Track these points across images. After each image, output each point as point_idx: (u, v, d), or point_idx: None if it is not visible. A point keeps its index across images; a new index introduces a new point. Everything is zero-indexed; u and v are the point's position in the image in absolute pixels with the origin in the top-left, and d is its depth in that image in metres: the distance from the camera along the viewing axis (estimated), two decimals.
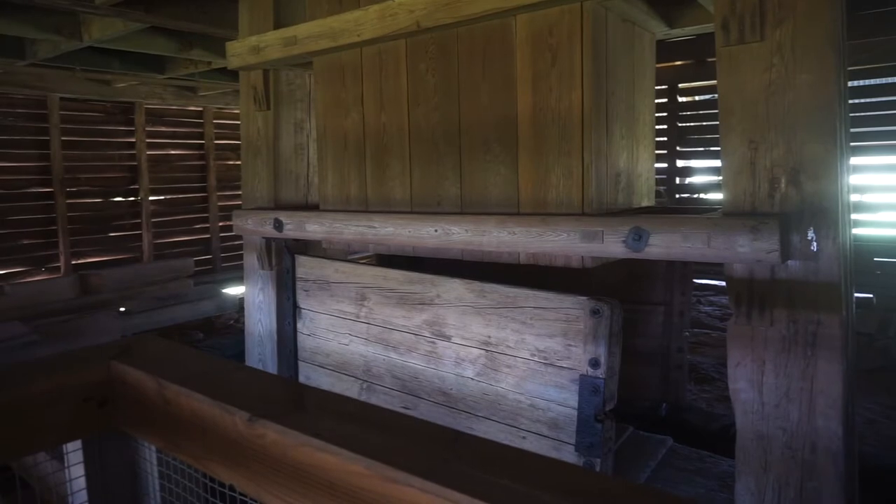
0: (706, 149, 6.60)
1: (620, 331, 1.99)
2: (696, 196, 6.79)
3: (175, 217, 7.77)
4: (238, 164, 8.11)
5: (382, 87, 2.60)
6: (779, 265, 1.70)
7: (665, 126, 6.62)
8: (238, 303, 6.39)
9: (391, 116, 2.58)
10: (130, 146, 7.24)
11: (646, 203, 2.55)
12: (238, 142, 7.93)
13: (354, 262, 2.87)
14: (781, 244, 1.62)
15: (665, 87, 6.47)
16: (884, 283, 5.34)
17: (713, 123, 6.43)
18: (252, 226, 3.05)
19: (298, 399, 0.80)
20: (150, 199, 7.40)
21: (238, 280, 7.07)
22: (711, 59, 6.01)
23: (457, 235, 2.25)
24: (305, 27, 2.70)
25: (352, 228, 2.59)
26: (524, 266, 2.29)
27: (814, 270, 1.68)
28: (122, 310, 5.93)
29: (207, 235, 8.07)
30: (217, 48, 4.77)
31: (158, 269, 6.94)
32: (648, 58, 2.52)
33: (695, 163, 6.92)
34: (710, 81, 6.35)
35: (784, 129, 1.71)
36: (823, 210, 1.67)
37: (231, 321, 6.16)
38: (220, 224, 8.08)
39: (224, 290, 6.90)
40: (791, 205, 1.70)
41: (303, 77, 3.23)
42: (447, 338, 2.36)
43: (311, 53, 2.74)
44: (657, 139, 2.68)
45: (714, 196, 6.55)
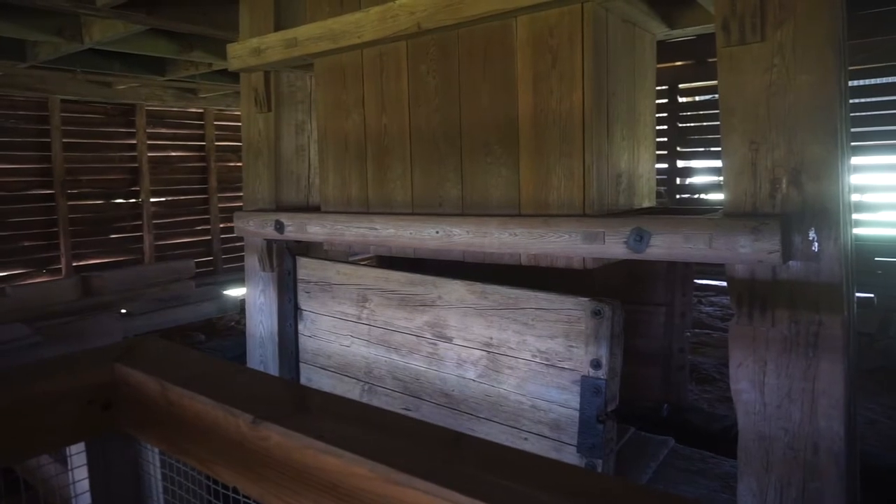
0: (706, 149, 6.60)
1: (622, 332, 1.99)
2: (697, 196, 6.79)
3: (176, 219, 7.78)
4: (239, 166, 8.12)
5: (383, 89, 2.60)
6: (780, 266, 1.70)
7: (665, 126, 6.62)
8: (239, 304, 6.39)
9: (392, 118, 2.58)
10: (131, 148, 7.25)
11: (647, 204, 2.55)
12: (239, 143, 7.93)
13: (356, 264, 2.87)
14: (783, 245, 1.62)
15: (665, 88, 6.46)
16: (884, 283, 5.33)
17: (713, 124, 6.42)
18: (253, 227, 3.06)
19: (301, 401, 0.80)
20: (152, 201, 7.40)
21: (239, 281, 7.07)
22: (711, 60, 6.01)
23: (458, 237, 2.25)
24: (306, 29, 2.70)
25: (353, 230, 2.59)
26: (525, 267, 2.29)
27: (815, 271, 1.68)
28: (124, 311, 5.94)
29: (208, 237, 8.07)
30: (218, 50, 4.78)
31: (160, 271, 6.94)
32: (649, 59, 2.52)
33: (695, 163, 6.92)
34: (711, 82, 6.34)
35: (785, 130, 1.71)
36: (825, 210, 1.67)
37: (232, 323, 6.16)
38: (221, 225, 8.08)
39: (225, 292, 6.91)
40: (792, 205, 1.70)
41: (304, 79, 3.23)
42: (448, 339, 2.36)
43: (312, 55, 2.74)
44: (657, 140, 2.68)
45: (714, 196, 6.55)
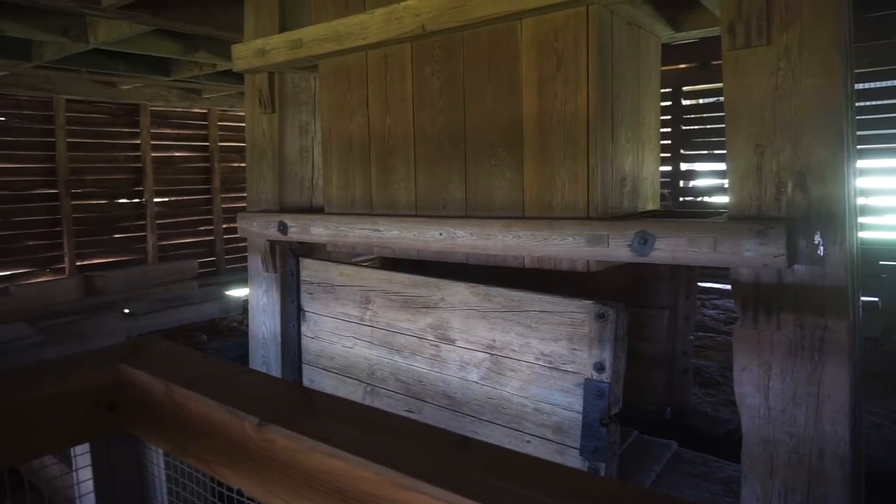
0: (710, 152, 6.59)
1: (626, 335, 1.98)
2: (700, 199, 6.78)
3: (179, 219, 7.79)
4: (242, 167, 8.12)
5: (388, 91, 2.60)
6: (785, 270, 1.70)
7: (669, 129, 6.61)
8: (242, 305, 6.39)
9: (396, 120, 2.59)
10: (135, 148, 7.27)
11: (651, 207, 2.54)
12: (242, 144, 7.92)
13: (359, 266, 2.87)
14: (788, 248, 1.61)
15: (669, 90, 6.45)
16: (889, 287, 5.32)
17: (717, 126, 6.41)
18: (257, 228, 3.06)
19: (307, 403, 0.80)
20: (155, 201, 7.42)
21: (242, 282, 7.08)
22: (715, 62, 6.02)
23: (462, 239, 2.25)
24: (311, 30, 2.70)
25: (357, 231, 2.59)
26: (528, 270, 2.28)
27: (821, 275, 1.68)
28: (127, 311, 5.95)
29: (211, 237, 8.08)
30: (222, 51, 4.79)
31: (163, 271, 6.95)
32: (654, 61, 2.52)
33: (698, 166, 6.91)
34: (714, 84, 6.34)
35: (790, 133, 1.70)
36: (830, 214, 1.66)
37: (235, 323, 6.16)
38: (224, 226, 8.09)
39: (228, 292, 6.91)
40: (798, 209, 1.70)
41: (308, 80, 3.23)
42: (452, 341, 2.36)
43: (317, 56, 2.75)
44: (661, 142, 2.68)
45: (718, 199, 6.54)
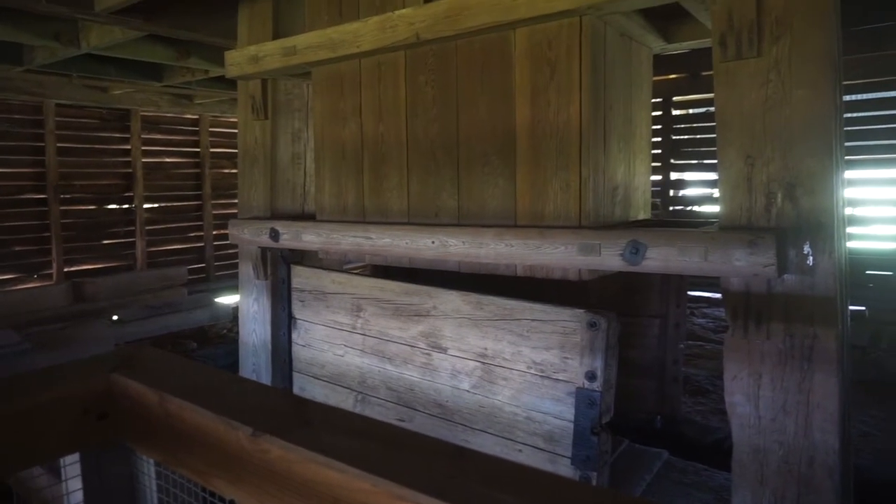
0: (699, 161, 6.65)
1: (617, 343, 1.99)
2: (690, 208, 6.83)
3: (169, 225, 7.73)
4: (233, 173, 8.09)
5: (381, 98, 2.61)
6: (775, 279, 1.71)
7: (659, 139, 6.65)
8: (231, 312, 6.35)
9: (389, 127, 2.59)
10: (126, 153, 7.22)
11: (642, 216, 2.56)
12: (233, 150, 7.91)
13: (351, 273, 2.86)
14: (778, 258, 1.63)
15: (659, 100, 6.51)
16: (875, 296, 5.36)
17: (706, 136, 6.47)
18: (248, 235, 3.05)
19: (302, 413, 0.80)
20: (145, 207, 7.37)
21: (231, 289, 7.04)
22: (705, 73, 6.08)
23: (454, 247, 2.25)
24: (305, 38, 2.71)
25: (349, 239, 2.59)
26: (520, 278, 2.29)
27: (810, 285, 1.69)
28: (115, 318, 5.89)
29: (201, 244, 8.03)
30: (214, 57, 4.77)
31: (152, 278, 6.90)
32: (646, 72, 2.55)
33: (688, 175, 6.96)
34: (704, 95, 6.40)
35: (780, 145, 1.72)
36: (819, 224, 1.68)
37: (224, 331, 6.12)
38: (215, 232, 8.04)
39: (217, 299, 6.86)
40: (787, 219, 1.72)
41: (301, 87, 3.24)
42: (443, 350, 2.36)
43: (310, 64, 2.75)
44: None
45: (707, 209, 6.59)
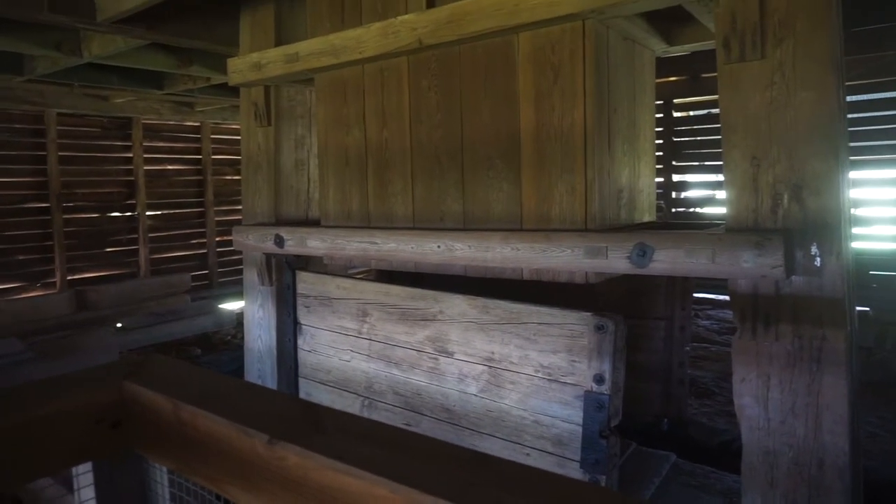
0: (701, 163, 6.65)
1: (625, 346, 1.99)
2: (692, 210, 6.83)
3: (172, 232, 7.74)
4: (235, 179, 8.10)
5: (384, 104, 2.61)
6: (783, 281, 1.71)
7: (661, 141, 6.66)
8: (235, 318, 6.35)
9: (393, 133, 2.59)
10: (128, 161, 7.23)
11: (647, 218, 2.56)
12: (235, 157, 7.93)
13: (356, 278, 2.86)
14: (786, 260, 1.63)
15: (660, 103, 6.52)
16: (880, 297, 5.35)
17: (708, 138, 6.48)
18: (253, 241, 3.05)
19: (317, 420, 0.79)
20: (147, 214, 7.38)
21: (235, 295, 7.04)
22: (706, 76, 6.09)
23: (460, 251, 2.25)
24: (307, 44, 2.71)
25: (354, 244, 2.59)
26: (526, 282, 2.29)
27: (818, 286, 1.69)
28: (119, 326, 5.90)
29: (204, 251, 8.04)
30: (216, 64, 4.78)
31: (155, 285, 6.91)
32: (648, 75, 2.55)
33: (690, 177, 6.97)
34: (705, 97, 6.41)
35: (786, 146, 1.72)
36: (826, 225, 1.68)
37: (228, 337, 6.12)
38: (218, 239, 8.06)
39: (221, 306, 6.87)
40: (794, 220, 1.72)
41: (304, 93, 3.24)
42: (450, 354, 2.35)
43: (313, 70, 2.76)
44: None
45: (710, 210, 6.59)
